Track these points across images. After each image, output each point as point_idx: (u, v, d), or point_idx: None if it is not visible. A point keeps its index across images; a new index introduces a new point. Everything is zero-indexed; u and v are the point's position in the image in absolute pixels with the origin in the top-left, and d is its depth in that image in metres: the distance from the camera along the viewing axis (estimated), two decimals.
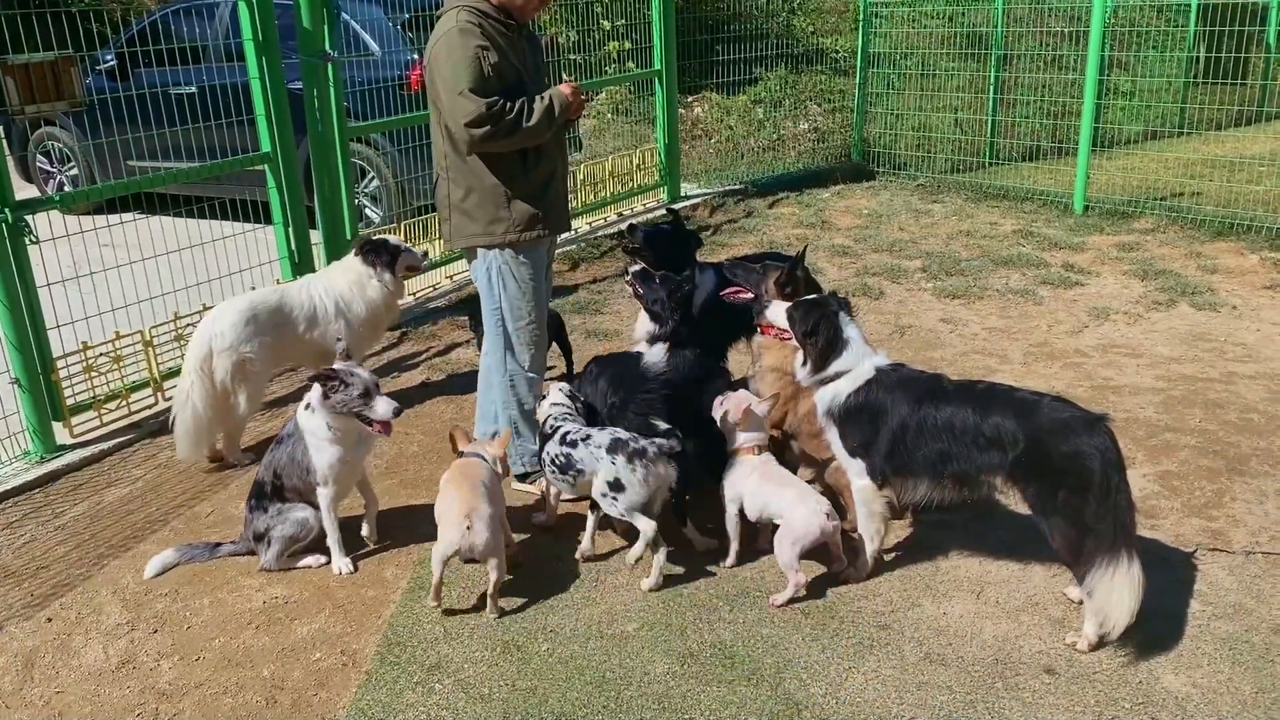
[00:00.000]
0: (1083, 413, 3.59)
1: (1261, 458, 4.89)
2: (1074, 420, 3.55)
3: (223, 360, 4.93)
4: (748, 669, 3.53)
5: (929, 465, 3.77)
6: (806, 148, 11.63)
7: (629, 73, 10.13)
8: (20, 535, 4.58)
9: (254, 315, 5.05)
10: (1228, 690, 3.38)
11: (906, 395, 3.81)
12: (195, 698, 3.49)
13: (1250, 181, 9.17)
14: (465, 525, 3.70)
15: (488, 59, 4.16)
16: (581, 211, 8.88)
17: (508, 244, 4.45)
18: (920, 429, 3.75)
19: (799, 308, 4.08)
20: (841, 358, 3.91)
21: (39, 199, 5.42)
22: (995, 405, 3.67)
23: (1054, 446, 3.52)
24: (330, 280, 5.44)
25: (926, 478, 3.81)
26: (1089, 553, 3.47)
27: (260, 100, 6.12)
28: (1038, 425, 3.56)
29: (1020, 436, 3.57)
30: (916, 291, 7.48)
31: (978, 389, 3.83)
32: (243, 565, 4.24)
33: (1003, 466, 3.63)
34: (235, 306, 5.06)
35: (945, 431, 3.70)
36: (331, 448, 4.10)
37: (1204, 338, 6.46)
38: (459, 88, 4.15)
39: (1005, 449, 3.59)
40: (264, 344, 5.05)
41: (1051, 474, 3.53)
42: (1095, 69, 9.25)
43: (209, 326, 4.99)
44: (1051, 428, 3.54)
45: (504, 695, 3.44)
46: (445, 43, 4.20)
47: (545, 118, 4.25)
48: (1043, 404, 3.62)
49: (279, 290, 5.38)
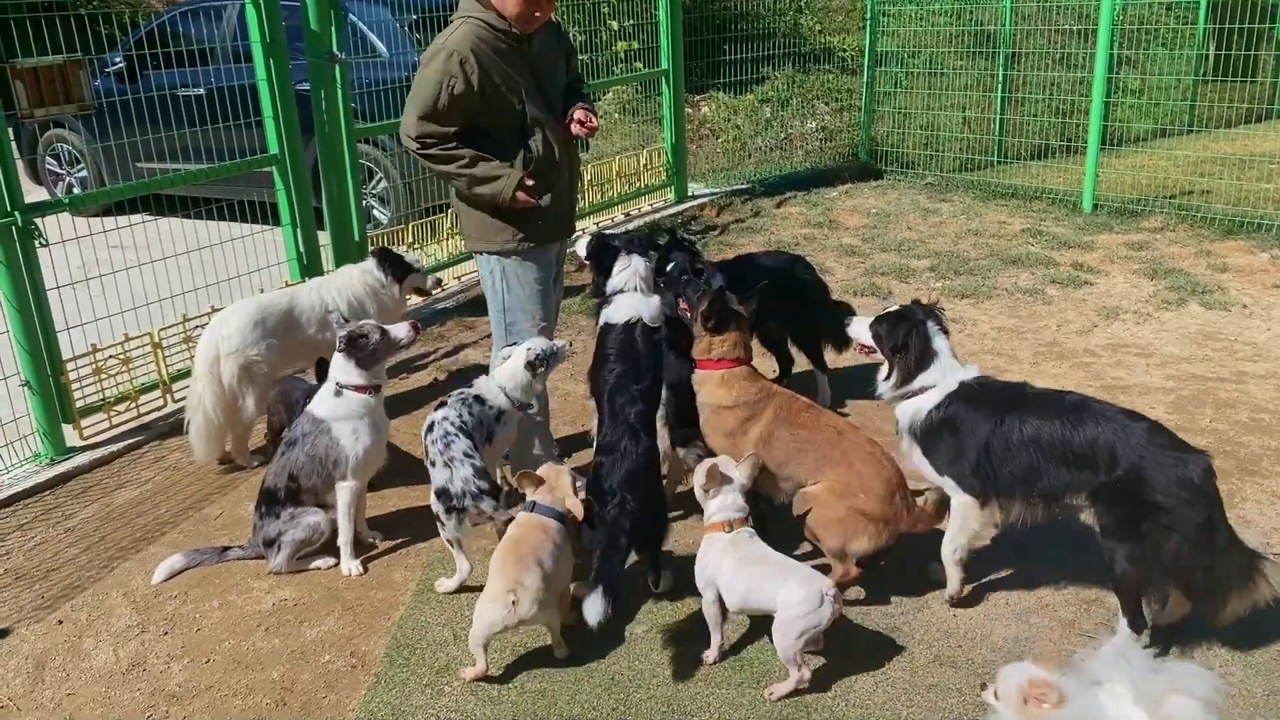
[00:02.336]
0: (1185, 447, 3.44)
1: (1273, 458, 4.87)
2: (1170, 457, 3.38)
3: (229, 363, 4.93)
4: (757, 672, 3.53)
5: (1018, 482, 3.63)
6: (814, 147, 11.61)
7: (636, 73, 10.12)
8: (31, 537, 4.60)
9: (262, 319, 5.05)
10: (1240, 693, 3.37)
11: (989, 409, 3.67)
12: (205, 700, 3.50)
13: (1260, 180, 9.12)
14: (511, 600, 3.40)
15: (453, 87, 4.11)
16: (589, 211, 8.88)
17: (507, 251, 4.44)
18: (1006, 444, 3.61)
19: (883, 322, 3.92)
20: (928, 371, 3.80)
21: (48, 201, 5.44)
22: (1088, 420, 3.51)
23: (1153, 477, 3.36)
24: (345, 282, 5.45)
25: (1018, 495, 3.67)
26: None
27: (268, 102, 6.13)
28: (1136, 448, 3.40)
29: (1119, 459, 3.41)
30: (925, 291, 7.46)
31: (1066, 400, 3.66)
32: (252, 568, 4.24)
33: (1090, 486, 3.49)
34: (243, 309, 5.06)
35: (1032, 445, 3.56)
36: (365, 433, 4.16)
37: (1214, 337, 6.43)
38: (414, 104, 4.19)
39: (1099, 470, 3.45)
40: (272, 346, 5.05)
41: (1143, 505, 3.38)
42: (1104, 67, 9.21)
43: (216, 330, 5.00)
44: (1154, 458, 3.38)
45: (513, 698, 3.44)
46: (429, 54, 4.19)
47: (486, 189, 4.22)
48: (1137, 428, 3.46)
49: (288, 293, 5.39)
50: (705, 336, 4.09)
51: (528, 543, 3.56)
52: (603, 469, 3.85)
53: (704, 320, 4.06)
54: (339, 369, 4.18)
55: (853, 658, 3.58)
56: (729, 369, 4.05)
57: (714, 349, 4.08)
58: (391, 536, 4.45)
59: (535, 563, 3.48)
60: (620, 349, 4.12)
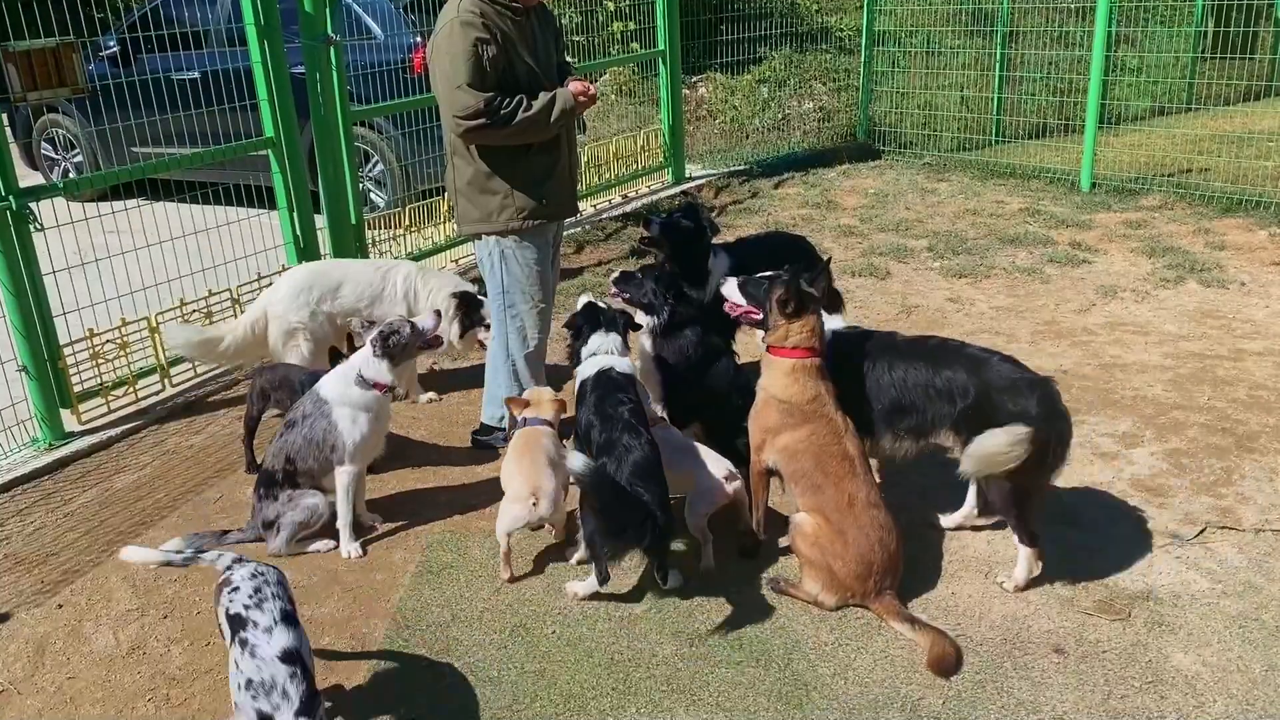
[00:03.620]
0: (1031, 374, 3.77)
1: (1271, 435, 4.87)
2: (1021, 381, 3.71)
3: (275, 325, 5.24)
4: (756, 650, 3.54)
5: (885, 419, 3.94)
6: (812, 128, 11.57)
7: (633, 53, 10.08)
8: (30, 522, 4.60)
9: (309, 286, 5.29)
10: (1238, 668, 3.38)
11: (861, 354, 3.98)
12: (205, 682, 3.50)
13: (1259, 157, 9.10)
14: (532, 502, 3.87)
15: (486, 52, 4.13)
16: (586, 194, 8.85)
17: (510, 231, 4.43)
18: (877, 385, 3.90)
19: (753, 283, 4.07)
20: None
21: (44, 186, 5.41)
22: (947, 360, 3.84)
23: (1003, 404, 3.66)
24: (421, 278, 5.49)
25: (887, 432, 3.97)
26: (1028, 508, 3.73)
27: (263, 85, 6.09)
28: (987, 381, 3.72)
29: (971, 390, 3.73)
30: (923, 271, 7.45)
31: (930, 344, 4.00)
32: (252, 550, 4.24)
33: (951, 418, 3.80)
34: (295, 274, 5.39)
35: (899, 386, 3.88)
36: (364, 421, 4.17)
37: (1212, 315, 6.43)
38: (456, 81, 4.14)
39: (955, 401, 3.77)
40: (317, 316, 5.29)
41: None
42: (1102, 45, 9.19)
43: (272, 289, 5.39)
44: (1002, 385, 3.70)
45: (513, 678, 3.45)
46: (446, 33, 4.18)
47: (543, 114, 4.22)
48: (992, 361, 3.80)
49: (345, 265, 5.61)
50: (782, 324, 3.86)
51: (539, 447, 4.02)
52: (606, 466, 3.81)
53: (781, 306, 3.85)
54: (370, 366, 4.18)
55: (851, 636, 3.59)
56: (802, 359, 3.83)
57: (790, 336, 3.84)
58: (391, 519, 4.45)
59: (548, 465, 3.97)
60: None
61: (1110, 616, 3.64)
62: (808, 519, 3.71)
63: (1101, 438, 4.91)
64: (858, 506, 3.67)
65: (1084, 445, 4.82)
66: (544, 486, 3.90)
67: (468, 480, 4.79)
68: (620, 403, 3.92)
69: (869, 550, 3.62)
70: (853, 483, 3.70)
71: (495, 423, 5.00)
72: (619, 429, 3.82)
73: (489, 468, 4.86)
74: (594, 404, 3.98)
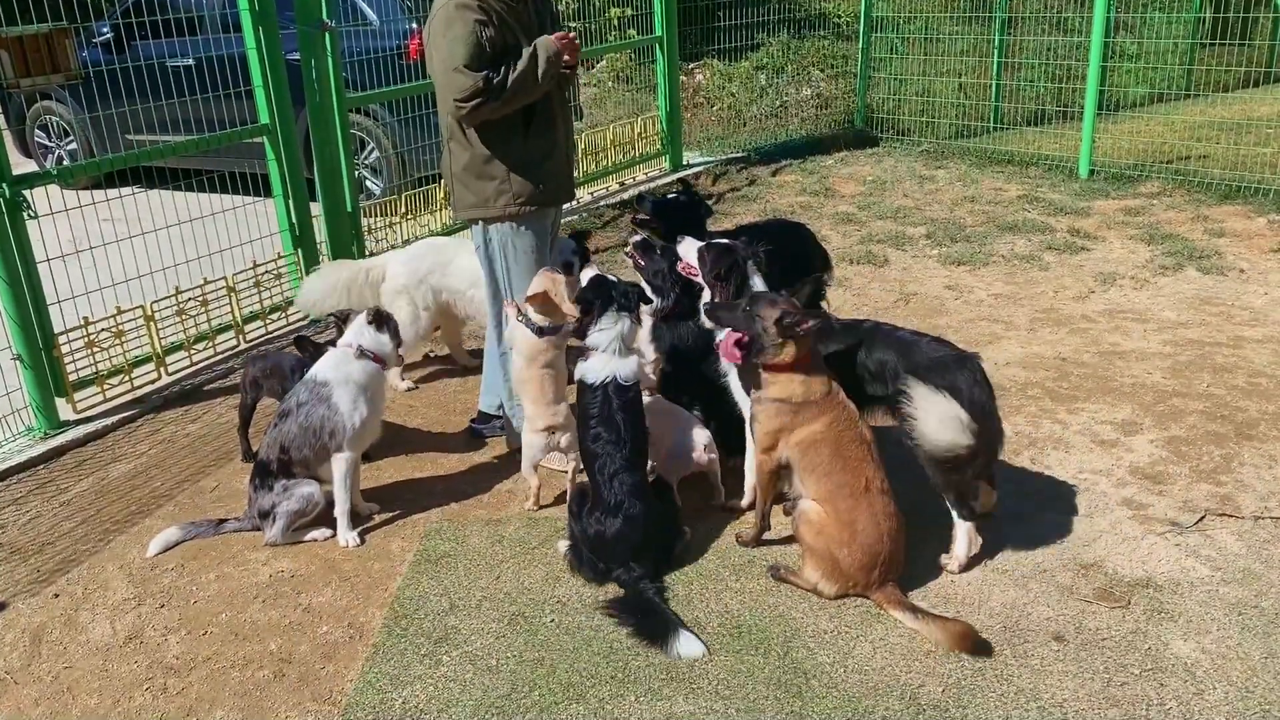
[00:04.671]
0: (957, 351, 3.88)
1: (1270, 422, 4.87)
2: (947, 358, 3.82)
3: (400, 300, 5.39)
4: (755, 638, 3.53)
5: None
6: (809, 115, 11.53)
7: (630, 40, 10.04)
8: (26, 511, 4.58)
9: (425, 255, 5.49)
10: (1237, 656, 3.38)
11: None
12: (203, 671, 3.49)
13: (1258, 144, 9.07)
14: (555, 438, 4.24)
15: (484, 33, 4.11)
16: (583, 181, 8.82)
17: (507, 216, 4.41)
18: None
19: (711, 249, 4.15)
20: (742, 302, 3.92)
21: (37, 173, 5.38)
22: (878, 343, 3.97)
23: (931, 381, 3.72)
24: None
25: None
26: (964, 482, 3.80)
27: (258, 71, 6.06)
28: (916, 362, 3.82)
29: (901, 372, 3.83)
30: (921, 258, 7.43)
31: (862, 328, 4.12)
32: (248, 539, 4.23)
33: (884, 399, 3.92)
34: (411, 249, 5.60)
35: (832, 368, 3.88)
36: (363, 404, 4.19)
37: (1211, 302, 6.42)
38: (454, 64, 4.10)
39: (887, 383, 3.89)
40: (424, 284, 5.44)
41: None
42: (1100, 31, 9.15)
43: (398, 251, 5.67)
44: (928, 364, 3.80)
45: (512, 666, 3.44)
46: (443, 16, 4.15)
47: (530, 66, 4.17)
48: (921, 343, 3.91)
49: (463, 246, 5.62)
50: (781, 343, 3.71)
51: (560, 367, 4.33)
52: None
53: (785, 330, 3.68)
54: (369, 337, 4.25)
55: (850, 624, 3.59)
56: (804, 361, 3.74)
57: (790, 350, 3.72)
58: (389, 508, 4.44)
59: (564, 399, 4.27)
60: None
61: (1110, 604, 3.64)
62: (814, 507, 3.69)
63: (1100, 425, 4.90)
64: (873, 492, 3.66)
65: (1083, 433, 4.82)
66: (561, 421, 4.25)
67: (465, 469, 4.78)
68: (619, 443, 3.88)
69: (876, 541, 3.60)
70: (870, 467, 3.69)
71: (493, 410, 4.98)
72: (617, 488, 3.84)
73: (487, 456, 4.85)
74: (593, 431, 3.93)
